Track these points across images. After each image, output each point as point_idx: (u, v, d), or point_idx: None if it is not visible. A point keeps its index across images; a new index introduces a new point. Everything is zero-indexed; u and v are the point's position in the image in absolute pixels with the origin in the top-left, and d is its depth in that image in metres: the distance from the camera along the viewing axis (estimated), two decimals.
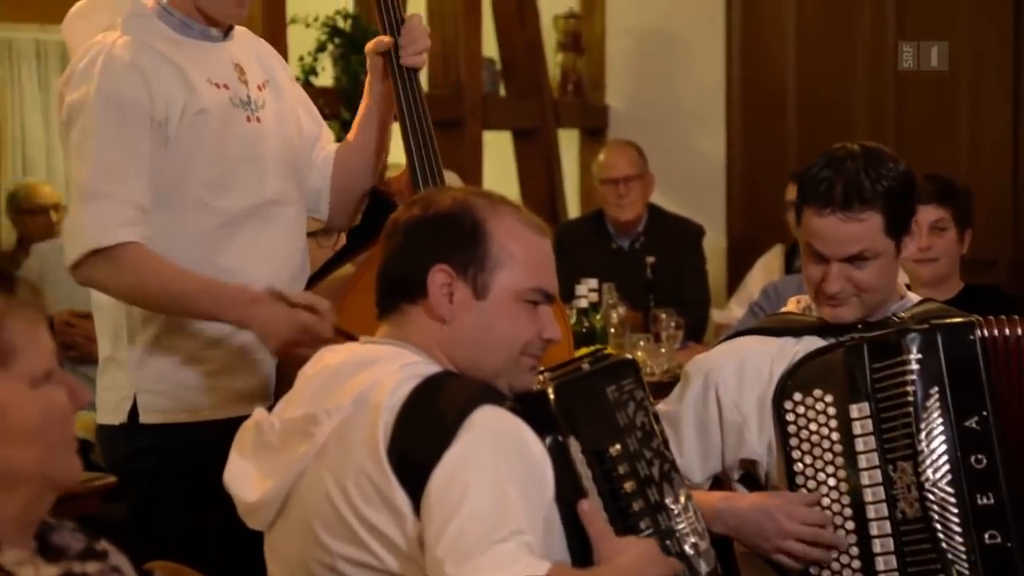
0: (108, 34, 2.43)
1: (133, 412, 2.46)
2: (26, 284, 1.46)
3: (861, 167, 2.29)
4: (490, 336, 1.88)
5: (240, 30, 2.61)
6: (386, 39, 2.59)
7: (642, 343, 4.31)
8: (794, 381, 2.32)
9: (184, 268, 2.37)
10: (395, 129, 2.68)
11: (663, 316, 4.43)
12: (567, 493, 1.82)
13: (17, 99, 5.68)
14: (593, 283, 4.29)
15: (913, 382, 2.26)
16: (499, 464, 1.72)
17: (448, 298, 1.87)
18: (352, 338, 2.21)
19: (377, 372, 1.83)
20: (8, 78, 5.64)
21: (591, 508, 1.83)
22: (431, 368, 1.85)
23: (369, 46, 2.61)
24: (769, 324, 2.46)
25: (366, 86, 2.65)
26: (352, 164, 2.65)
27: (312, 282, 2.61)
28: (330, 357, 1.92)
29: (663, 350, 4.31)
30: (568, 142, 6.24)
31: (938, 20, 5.68)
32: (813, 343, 2.35)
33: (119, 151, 2.37)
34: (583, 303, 4.17)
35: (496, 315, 1.88)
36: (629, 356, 2.11)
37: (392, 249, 1.92)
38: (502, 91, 5.88)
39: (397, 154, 2.69)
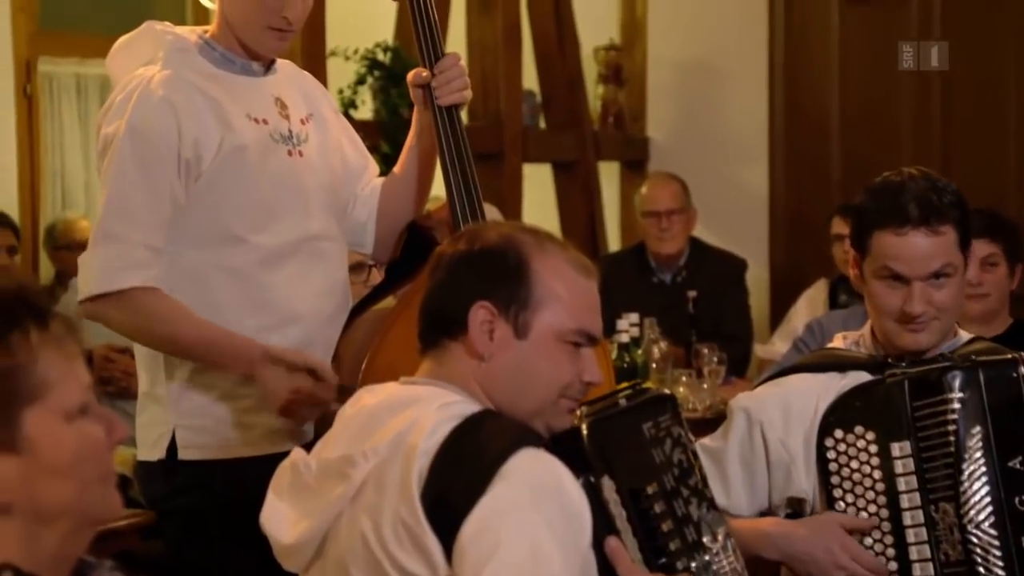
0: (149, 68, 2.47)
1: (172, 448, 2.49)
2: (61, 318, 1.47)
3: (925, 186, 2.30)
4: (529, 376, 1.87)
5: (285, 64, 2.64)
6: (422, 72, 2.61)
7: (684, 378, 4.30)
8: (835, 418, 2.31)
9: (192, 315, 2.39)
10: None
11: (705, 351, 4.43)
12: (601, 534, 1.81)
13: (57, 133, 5.75)
14: (634, 317, 4.29)
15: (955, 421, 2.25)
16: (535, 512, 1.70)
17: (488, 335, 1.87)
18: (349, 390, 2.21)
19: (415, 413, 1.82)
20: (48, 112, 5.71)
21: (617, 545, 1.82)
22: (470, 408, 1.84)
23: (410, 76, 2.63)
24: (815, 360, 2.45)
25: (414, 116, 2.67)
26: (397, 196, 2.67)
27: (352, 317, 2.63)
28: (368, 398, 1.92)
29: (705, 386, 4.30)
30: (608, 174, 6.26)
31: (987, 63, 5.67)
32: (859, 379, 2.34)
33: (137, 190, 2.40)
34: (624, 338, 4.17)
35: (536, 355, 1.87)
36: (667, 391, 2.10)
37: (436, 283, 1.92)
38: (542, 123, 5.89)
39: (436, 186, 2.71)
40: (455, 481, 1.74)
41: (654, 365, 4.38)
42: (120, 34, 2.63)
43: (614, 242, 6.17)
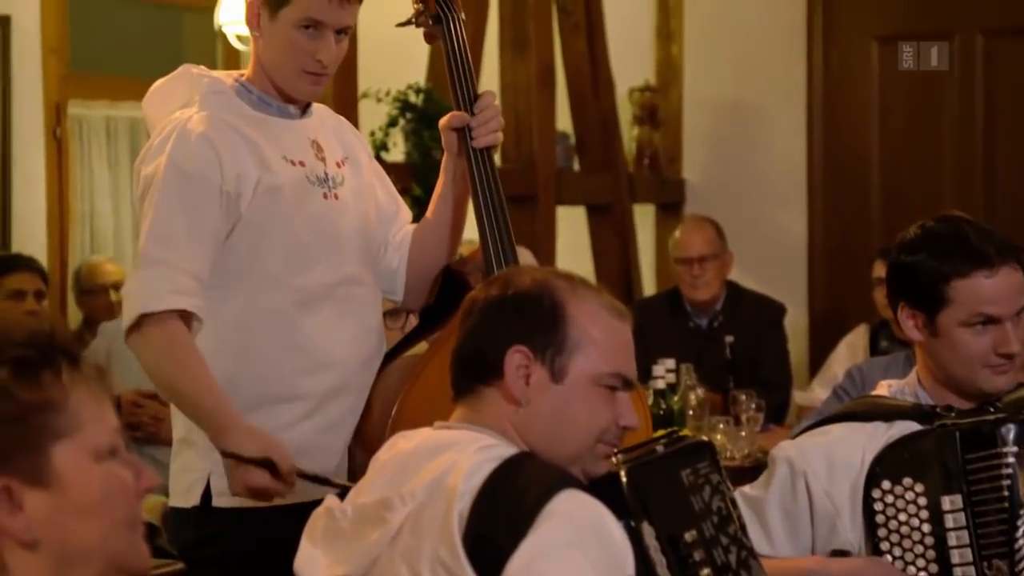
0: (186, 110, 2.50)
1: (206, 495, 2.49)
2: (91, 362, 1.50)
3: (979, 227, 2.31)
4: (566, 421, 1.88)
5: (321, 108, 2.67)
6: (460, 115, 2.63)
7: (721, 426, 4.29)
8: (883, 468, 2.29)
9: (200, 366, 2.38)
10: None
11: (743, 398, 4.41)
12: None
13: (86, 177, 5.80)
14: (670, 363, 4.28)
15: (1009, 475, 2.22)
16: (579, 554, 1.71)
17: (524, 380, 1.88)
18: (319, 480, 2.26)
19: (453, 456, 1.83)
20: (78, 155, 5.77)
21: None
22: (508, 450, 1.85)
23: (443, 122, 2.64)
24: (859, 408, 2.43)
25: (442, 163, 2.68)
26: (428, 243, 2.68)
27: (386, 362, 2.64)
28: (403, 443, 1.93)
29: (743, 433, 4.29)
30: (644, 217, 6.26)
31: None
32: (906, 428, 2.32)
33: (180, 220, 2.42)
34: (660, 384, 4.16)
35: (573, 400, 1.89)
36: (705, 438, 2.11)
37: (469, 328, 1.93)
38: (576, 165, 5.90)
39: (470, 229, 2.72)
40: (498, 522, 1.75)
41: (691, 412, 4.36)
42: (151, 77, 2.66)
43: (649, 286, 6.16)
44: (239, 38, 4.82)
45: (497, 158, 2.71)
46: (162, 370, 2.42)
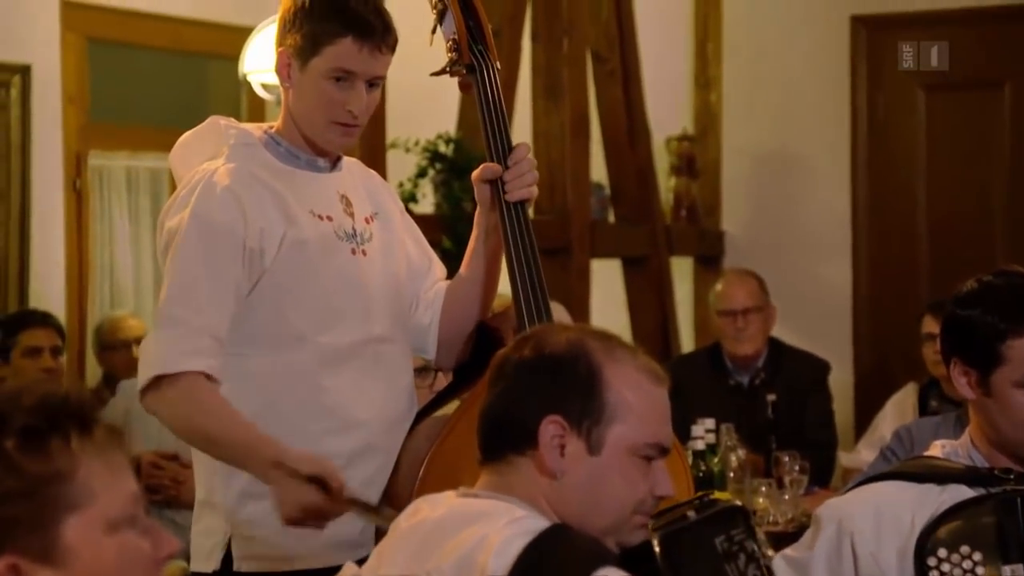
0: (212, 162, 2.52)
1: (227, 559, 2.49)
2: (106, 426, 1.48)
3: None
4: (602, 493, 1.86)
5: (350, 161, 2.68)
6: (493, 167, 2.63)
7: (763, 488, 4.26)
8: (938, 535, 2.26)
9: (228, 410, 2.40)
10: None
11: (786, 459, 4.38)
12: None
13: (107, 229, 5.84)
14: (710, 423, 4.26)
15: None
16: None
17: (559, 451, 1.85)
18: (367, 507, 2.23)
19: (482, 529, 1.79)
20: (98, 207, 5.81)
21: None
22: (540, 523, 1.82)
23: (475, 174, 2.65)
24: (910, 468, 2.40)
25: (475, 216, 2.68)
26: (462, 300, 2.68)
27: (416, 422, 2.63)
28: (427, 511, 1.90)
29: (787, 496, 4.25)
30: (681, 271, 6.25)
31: None
32: (959, 492, 2.30)
33: (201, 276, 2.43)
34: (700, 445, 4.14)
35: (610, 471, 1.86)
36: (738, 503, 2.09)
37: (500, 391, 1.91)
38: (611, 217, 5.91)
39: (502, 284, 2.72)
40: None
41: (731, 474, 4.33)
42: (173, 127, 2.69)
43: (687, 342, 6.14)
44: (265, 87, 4.85)
45: (530, 210, 2.71)
46: (191, 422, 2.43)
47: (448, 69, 2.69)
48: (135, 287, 5.88)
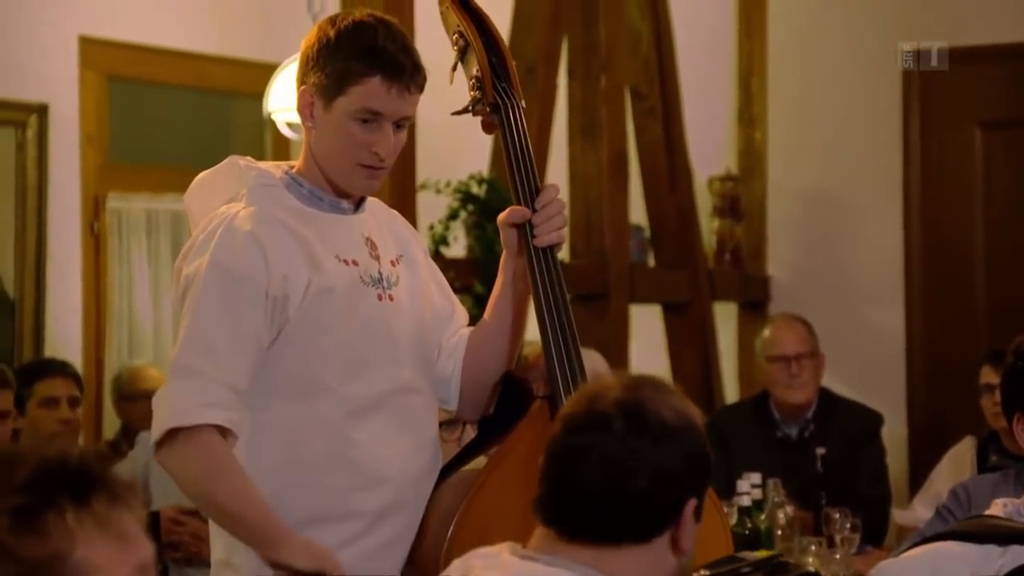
0: (232, 205, 2.51)
1: None
2: (107, 491, 1.43)
3: None
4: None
5: (373, 202, 2.67)
6: (521, 210, 2.62)
7: (813, 548, 4.21)
8: None
9: (240, 479, 2.40)
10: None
11: (837, 516, 4.34)
12: None
13: (125, 273, 5.86)
14: (756, 478, 4.22)
15: None
16: None
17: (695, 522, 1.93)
18: None
19: None
20: (117, 251, 5.83)
21: None
22: None
23: (502, 217, 2.63)
24: (968, 528, 2.39)
25: (501, 262, 2.67)
26: (485, 348, 2.66)
27: (441, 478, 2.61)
28: (481, 570, 1.89)
29: (838, 556, 4.21)
30: (725, 317, 6.23)
31: None
32: (1022, 555, 2.27)
33: (221, 326, 2.42)
34: (745, 500, 4.10)
35: None
36: (811, 569, 2.07)
37: (602, 470, 1.90)
38: (651, 260, 5.90)
39: (531, 330, 2.71)
40: None
41: (779, 532, 4.29)
42: (195, 167, 2.68)
43: (731, 392, 6.11)
44: (290, 126, 4.86)
45: (565, 253, 2.70)
46: (200, 486, 2.42)
47: (471, 108, 2.68)
48: (154, 335, 5.90)
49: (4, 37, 5.41)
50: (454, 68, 2.71)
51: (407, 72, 2.51)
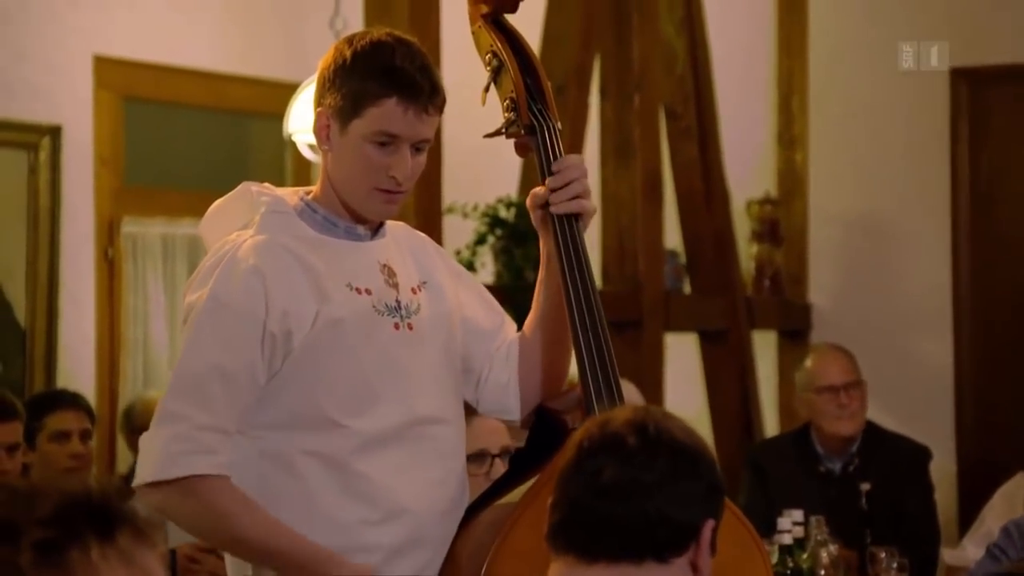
0: (242, 233, 2.52)
1: None
2: (132, 527, 1.45)
3: None
4: None
5: (396, 225, 2.67)
6: (541, 190, 2.61)
7: None
8: None
9: (260, 512, 2.42)
10: None
11: (883, 556, 4.31)
12: None
13: (141, 301, 5.87)
14: (798, 515, 4.20)
15: None
16: None
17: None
18: None
19: None
20: (132, 278, 5.85)
21: None
22: None
23: (530, 198, 2.63)
24: (1020, 570, 2.37)
25: (541, 248, 2.65)
26: (536, 347, 2.66)
27: (470, 513, 2.61)
28: None
29: None
30: (764, 346, 6.21)
31: None
32: None
33: (212, 369, 2.43)
34: (787, 539, 4.09)
35: None
36: None
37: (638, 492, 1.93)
38: (687, 287, 5.89)
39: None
40: None
41: (822, 572, 4.27)
42: (212, 190, 2.69)
43: (771, 424, 6.09)
44: (311, 147, 4.88)
45: (598, 279, 2.69)
46: (218, 529, 2.44)
47: (504, 130, 2.66)
48: (170, 365, 5.89)
49: (16, 56, 5.45)
50: (486, 89, 2.70)
51: (425, 93, 2.50)
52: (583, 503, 1.94)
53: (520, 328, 2.72)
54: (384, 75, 2.49)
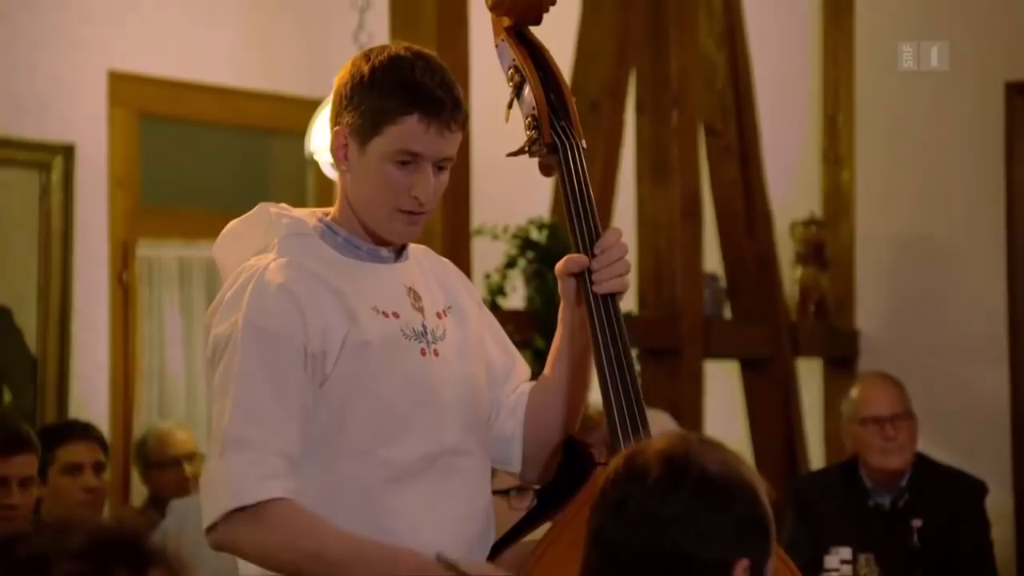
0: (262, 257, 2.52)
1: None
2: (164, 566, 1.45)
3: None
4: None
5: (418, 249, 2.67)
6: (579, 258, 2.60)
7: None
8: None
9: (340, 528, 2.42)
10: None
11: None
12: None
13: (156, 327, 5.88)
14: (846, 552, 4.18)
15: None
16: None
17: None
18: None
19: None
20: (147, 303, 5.86)
21: None
22: None
23: (559, 266, 2.62)
24: None
25: (559, 313, 2.66)
26: (547, 408, 2.65)
27: (496, 550, 2.61)
28: None
29: None
30: (809, 374, 6.19)
31: None
32: None
33: (266, 392, 2.43)
34: None
35: None
36: None
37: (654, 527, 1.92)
38: (727, 313, 5.88)
39: (595, 389, 2.69)
40: None
41: None
42: (232, 211, 2.70)
43: (816, 457, 6.07)
44: (334, 166, 4.89)
45: (633, 304, 2.69)
46: (299, 551, 2.42)
47: (527, 149, 2.67)
48: (187, 394, 5.92)
49: (26, 71, 5.47)
50: (509, 105, 2.71)
51: (447, 109, 2.50)
52: (607, 536, 1.93)
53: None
54: (404, 91, 2.49)
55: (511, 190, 5.23)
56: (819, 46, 6.31)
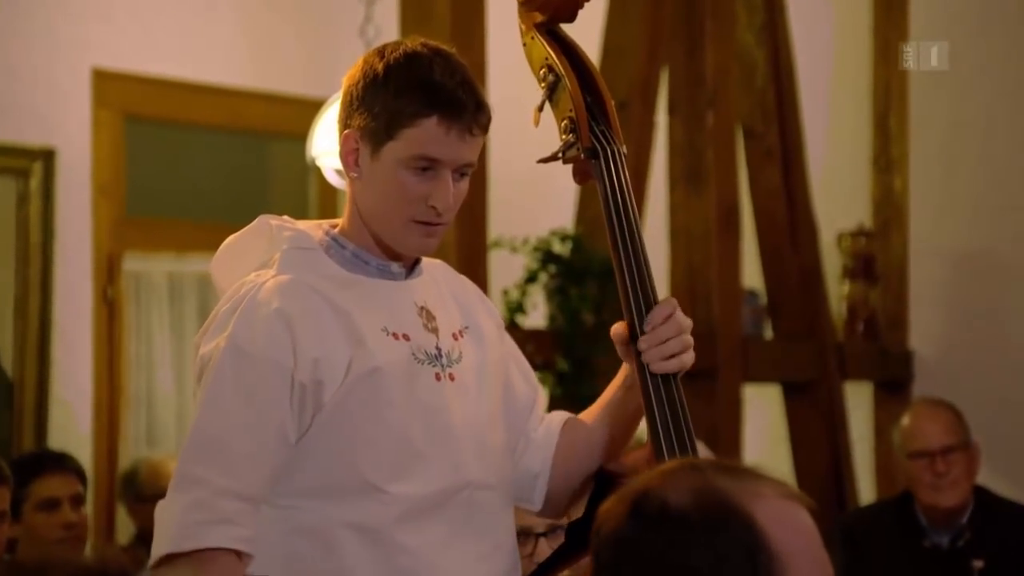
0: (261, 273, 2.51)
1: None
2: None
3: None
4: None
5: (433, 263, 2.66)
6: (621, 330, 2.57)
7: None
8: None
9: None
10: None
11: None
12: None
13: (144, 348, 5.89)
14: None
15: None
16: None
17: None
18: None
19: None
20: (135, 322, 5.86)
21: None
22: None
23: (614, 330, 2.60)
24: None
25: (622, 368, 2.63)
26: (582, 452, 2.66)
27: None
28: None
29: None
30: (858, 399, 6.19)
31: None
32: None
33: (236, 423, 2.43)
34: None
35: None
36: None
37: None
38: (768, 332, 5.88)
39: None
40: None
41: None
42: (227, 222, 2.69)
43: (867, 489, 6.06)
44: (338, 173, 4.89)
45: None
46: None
47: (562, 154, 2.66)
48: (177, 421, 5.92)
49: (4, 70, 5.48)
50: (540, 108, 2.69)
51: (468, 111, 2.50)
52: None
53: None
54: (422, 91, 2.49)
55: (532, 199, 5.23)
56: (869, 41, 6.31)
